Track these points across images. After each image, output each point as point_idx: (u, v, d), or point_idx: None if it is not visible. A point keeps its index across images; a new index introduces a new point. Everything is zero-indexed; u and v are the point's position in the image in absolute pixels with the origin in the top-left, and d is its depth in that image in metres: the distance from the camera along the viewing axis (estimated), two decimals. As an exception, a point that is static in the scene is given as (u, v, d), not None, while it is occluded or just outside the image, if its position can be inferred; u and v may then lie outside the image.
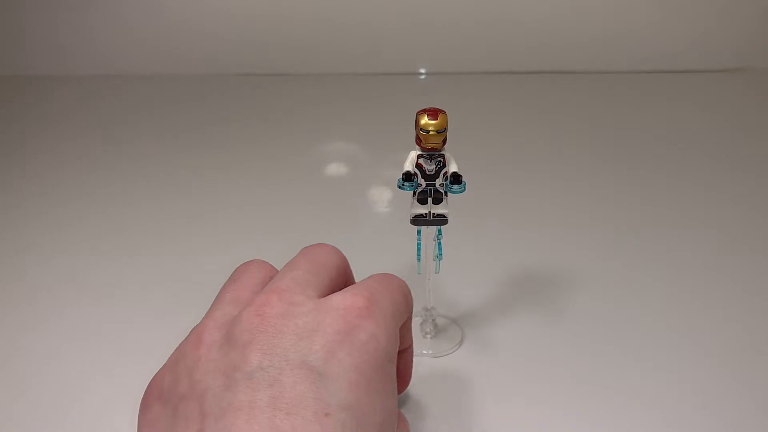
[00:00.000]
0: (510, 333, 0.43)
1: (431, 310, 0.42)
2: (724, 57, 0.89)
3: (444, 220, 0.37)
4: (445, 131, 0.35)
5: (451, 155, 0.36)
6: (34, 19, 0.92)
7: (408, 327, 0.32)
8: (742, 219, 0.56)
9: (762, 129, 0.73)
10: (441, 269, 0.40)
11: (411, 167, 0.36)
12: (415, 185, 0.36)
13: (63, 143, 0.74)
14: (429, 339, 0.43)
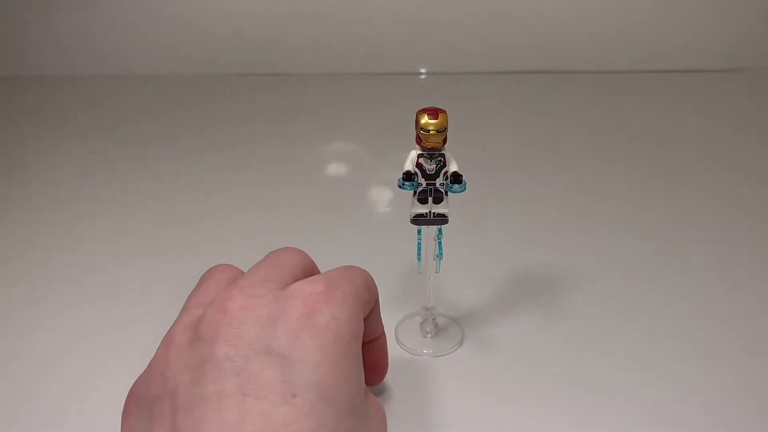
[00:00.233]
0: (510, 333, 0.43)
1: (431, 309, 0.42)
2: (724, 57, 0.89)
3: (444, 219, 0.37)
4: (446, 131, 0.35)
5: (452, 155, 0.36)
6: (34, 20, 0.92)
7: (376, 315, 0.33)
8: (742, 219, 0.56)
9: (762, 129, 0.73)
10: (441, 269, 0.40)
11: (411, 167, 0.36)
12: (416, 185, 0.36)
13: (64, 144, 0.74)
14: (429, 338, 0.43)
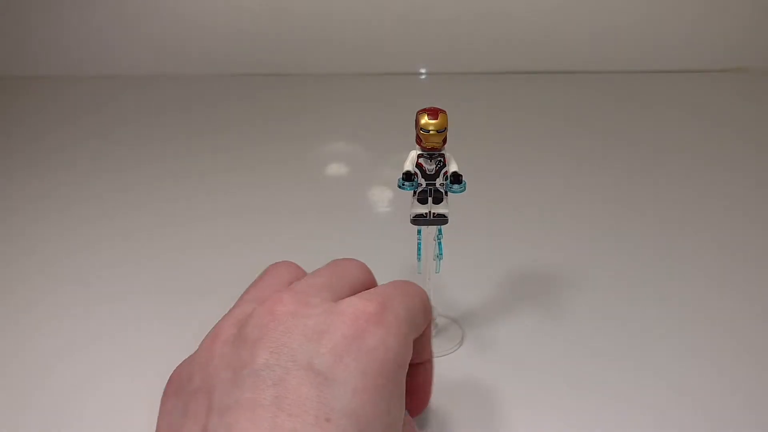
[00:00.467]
0: (510, 333, 0.43)
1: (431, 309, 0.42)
2: (724, 57, 0.89)
3: (444, 219, 0.37)
4: (446, 131, 0.35)
5: (451, 155, 0.36)
6: (35, 20, 0.92)
7: (427, 339, 0.30)
8: (741, 219, 0.56)
9: (762, 129, 0.73)
10: (441, 269, 0.40)
11: (411, 167, 0.36)
12: (416, 185, 0.36)
13: (65, 144, 0.74)
14: (429, 339, 0.43)
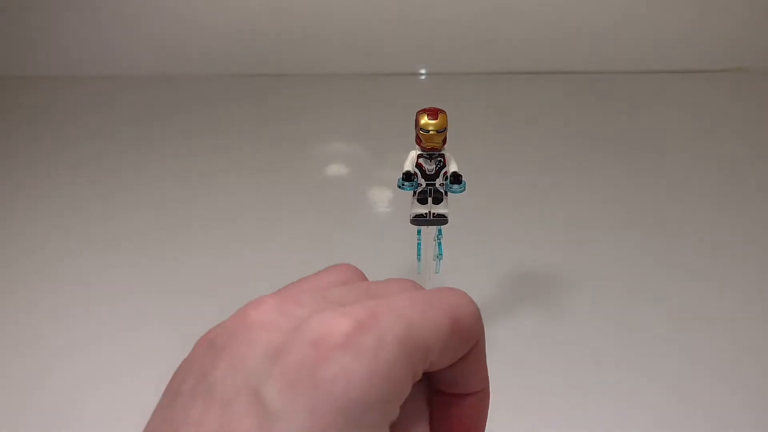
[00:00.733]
0: (510, 333, 0.43)
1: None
2: (724, 57, 0.89)
3: (444, 219, 0.37)
4: (445, 131, 0.35)
5: (451, 155, 0.36)
6: (35, 20, 0.92)
7: (474, 363, 0.23)
8: (741, 219, 0.56)
9: (761, 129, 0.73)
10: (441, 269, 0.40)
11: (411, 167, 0.36)
12: (415, 185, 0.36)
13: (67, 145, 0.74)
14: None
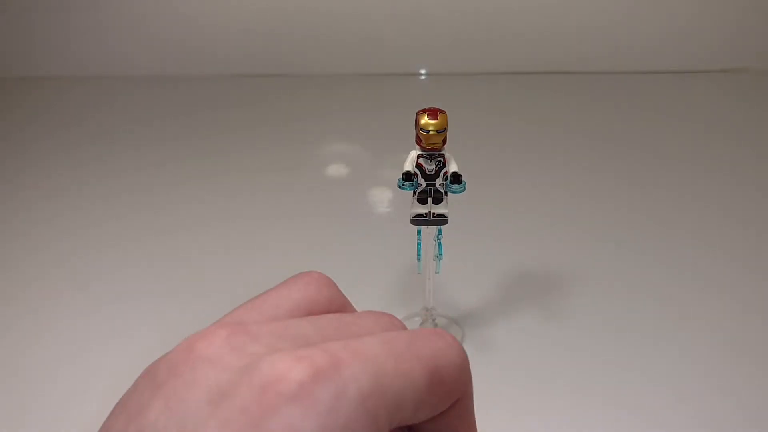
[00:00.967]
0: (510, 333, 0.43)
1: (431, 310, 0.42)
2: (724, 57, 0.89)
3: (444, 219, 0.37)
4: (445, 131, 0.35)
5: (451, 155, 0.36)
6: (36, 21, 0.92)
7: (460, 420, 0.19)
8: (741, 219, 0.56)
9: (761, 129, 0.73)
10: (441, 269, 0.40)
11: (411, 167, 0.36)
12: (415, 185, 0.36)
13: (67, 146, 0.74)
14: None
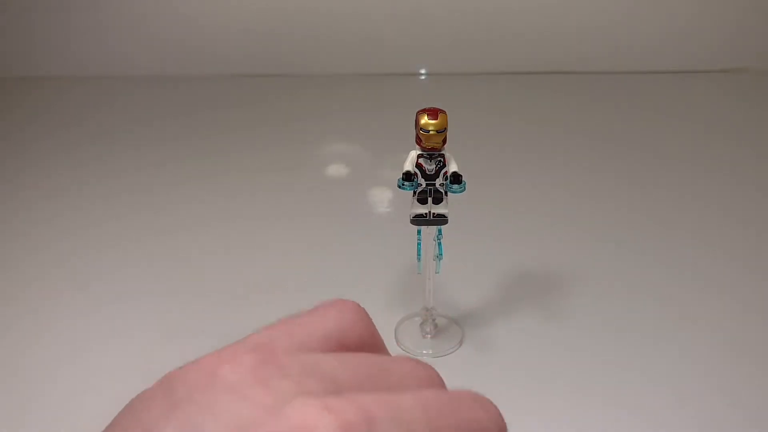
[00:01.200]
0: (510, 333, 0.43)
1: (431, 310, 0.42)
2: (724, 57, 0.89)
3: (444, 219, 0.37)
4: (445, 131, 0.35)
5: (451, 155, 0.36)
6: (36, 21, 0.92)
7: None
8: (741, 219, 0.56)
9: (761, 129, 0.73)
10: (441, 269, 0.40)
11: (411, 167, 0.36)
12: (415, 185, 0.36)
13: (67, 146, 0.74)
14: (429, 339, 0.43)
